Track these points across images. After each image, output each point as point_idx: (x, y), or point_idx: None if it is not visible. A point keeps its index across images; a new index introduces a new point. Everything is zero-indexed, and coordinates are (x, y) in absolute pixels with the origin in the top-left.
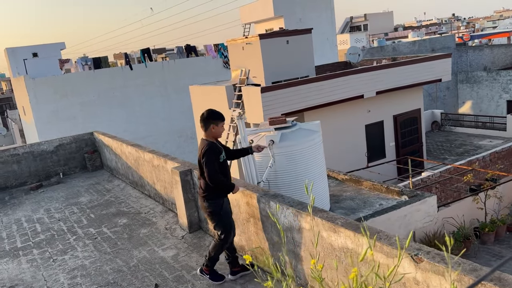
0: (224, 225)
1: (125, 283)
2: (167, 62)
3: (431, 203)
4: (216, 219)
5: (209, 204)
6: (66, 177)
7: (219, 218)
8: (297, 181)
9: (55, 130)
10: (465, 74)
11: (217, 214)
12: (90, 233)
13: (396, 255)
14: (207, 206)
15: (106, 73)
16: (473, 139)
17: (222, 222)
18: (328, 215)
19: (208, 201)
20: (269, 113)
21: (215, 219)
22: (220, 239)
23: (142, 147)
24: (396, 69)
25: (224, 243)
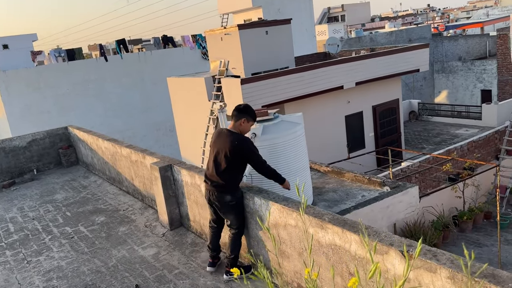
0: (243, 218)
1: (104, 284)
2: (143, 53)
3: (413, 194)
4: (237, 211)
5: (233, 196)
6: (40, 173)
7: (240, 210)
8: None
9: (28, 124)
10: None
11: (240, 206)
12: (66, 232)
13: (386, 252)
14: (230, 199)
15: (80, 65)
16: (450, 128)
17: (242, 214)
18: (315, 211)
19: (232, 193)
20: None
21: (236, 212)
22: (239, 231)
23: (119, 141)
24: (375, 59)
25: (241, 235)
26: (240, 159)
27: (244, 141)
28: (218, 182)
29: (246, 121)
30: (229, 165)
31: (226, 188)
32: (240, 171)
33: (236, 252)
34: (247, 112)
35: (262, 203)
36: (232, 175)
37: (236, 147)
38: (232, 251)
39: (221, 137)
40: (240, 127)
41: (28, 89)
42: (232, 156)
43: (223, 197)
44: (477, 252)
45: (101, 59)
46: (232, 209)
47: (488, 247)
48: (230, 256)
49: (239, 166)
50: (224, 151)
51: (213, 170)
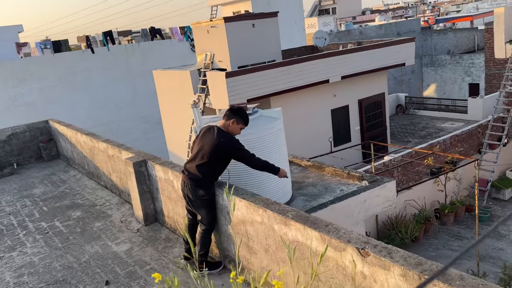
0: (214, 214)
1: (74, 280)
2: (131, 45)
3: (390, 188)
4: (210, 207)
5: (206, 191)
6: (21, 167)
7: (211, 207)
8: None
9: (13, 117)
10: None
11: (212, 202)
12: (42, 228)
13: (343, 249)
14: (204, 194)
15: (66, 57)
16: (436, 122)
17: (213, 210)
18: (280, 207)
19: (206, 189)
20: (235, 98)
21: (207, 207)
22: (209, 228)
23: (97, 136)
24: (361, 53)
25: (211, 231)
26: (223, 156)
27: (230, 139)
28: (194, 175)
29: (235, 123)
30: (210, 161)
31: (201, 182)
32: (220, 169)
33: (206, 249)
34: (239, 115)
35: (231, 199)
36: (210, 170)
37: (221, 144)
38: (202, 248)
39: (209, 132)
40: (229, 128)
41: (13, 81)
42: (215, 152)
43: (196, 190)
44: (457, 245)
45: (88, 51)
46: (204, 204)
47: (469, 240)
48: (199, 252)
49: (220, 164)
50: (209, 146)
51: (193, 162)
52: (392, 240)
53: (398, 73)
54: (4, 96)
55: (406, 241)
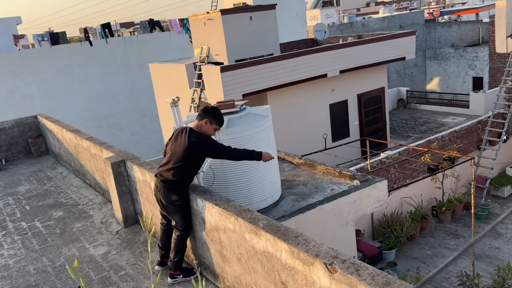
0: (189, 219)
1: (46, 286)
2: (129, 37)
3: (381, 188)
4: (184, 212)
5: (179, 196)
6: (9, 163)
7: (186, 212)
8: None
9: (11, 110)
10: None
11: (186, 207)
12: (21, 228)
13: (311, 263)
14: (177, 199)
15: (64, 49)
16: (437, 116)
17: (188, 216)
18: (252, 215)
19: (179, 193)
20: (230, 93)
21: (183, 212)
22: (183, 233)
23: (81, 133)
24: (360, 47)
25: (186, 237)
26: (197, 157)
27: (200, 137)
28: (167, 179)
29: (208, 123)
30: (183, 163)
31: (174, 186)
32: (192, 171)
33: (180, 255)
34: (212, 114)
35: (204, 205)
36: (183, 174)
37: (193, 144)
38: (176, 254)
39: (181, 134)
40: (202, 128)
41: (10, 74)
42: (188, 154)
43: (169, 195)
44: (454, 243)
45: (86, 43)
46: (177, 210)
47: (465, 238)
48: (173, 259)
49: (194, 166)
50: (181, 149)
51: (166, 166)
52: (387, 238)
53: (401, 66)
54: (2, 89)
55: (402, 239)
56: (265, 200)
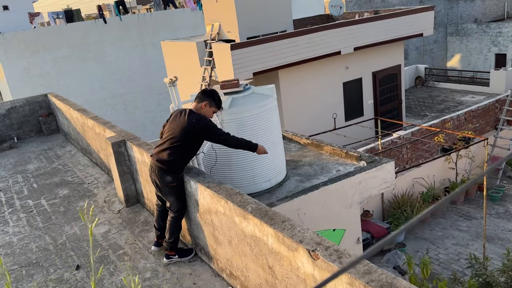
0: (183, 201)
1: (47, 263)
2: (143, 15)
3: (388, 169)
4: (178, 193)
5: (174, 178)
6: (21, 141)
7: (180, 193)
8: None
9: (28, 87)
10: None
11: (180, 189)
12: (27, 206)
13: (295, 249)
14: (171, 180)
15: (79, 27)
16: (456, 95)
17: (182, 197)
18: (242, 199)
19: (173, 175)
20: (240, 71)
21: (178, 194)
22: (178, 215)
23: (87, 112)
24: (375, 23)
25: (180, 218)
26: (195, 139)
27: (202, 119)
28: (163, 160)
29: (207, 105)
30: (181, 144)
31: (169, 167)
32: (190, 153)
33: (175, 236)
34: (212, 97)
35: (197, 187)
36: (179, 155)
37: (193, 126)
38: (171, 235)
39: (180, 115)
40: (201, 110)
41: (27, 52)
42: (187, 135)
43: (164, 176)
44: (465, 225)
45: (100, 21)
46: (172, 191)
47: (478, 220)
48: (169, 239)
49: (191, 147)
50: (180, 129)
51: (162, 146)
52: (397, 219)
53: (420, 43)
54: (19, 67)
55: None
56: (269, 180)
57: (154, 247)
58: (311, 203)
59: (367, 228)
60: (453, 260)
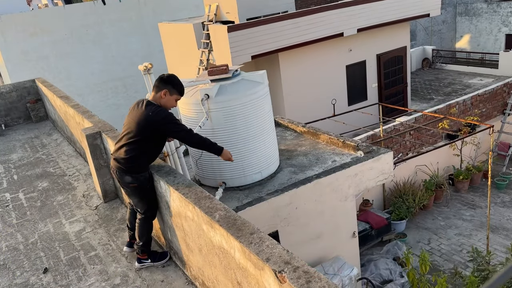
0: (152, 200)
1: (14, 265)
2: None
3: (386, 160)
4: (142, 194)
5: (134, 178)
6: (8, 129)
7: (146, 193)
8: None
9: (27, 71)
10: (464, 6)
11: (144, 189)
12: (4, 200)
13: (262, 268)
14: (131, 181)
15: (77, 8)
16: (463, 77)
17: (150, 196)
18: (211, 204)
19: (133, 175)
20: (238, 54)
21: (141, 195)
22: (146, 216)
23: (69, 99)
24: (379, 3)
25: (149, 220)
26: (154, 134)
27: (160, 112)
28: (120, 159)
29: (168, 94)
30: (137, 141)
31: (128, 167)
32: (151, 151)
33: (145, 239)
34: (171, 83)
35: (167, 188)
36: (138, 152)
37: (150, 119)
38: (141, 238)
39: (138, 107)
40: (161, 100)
41: (24, 35)
42: (143, 130)
43: (123, 177)
44: (469, 214)
45: (99, 2)
46: (133, 192)
47: (482, 209)
48: (138, 242)
49: (151, 143)
50: (136, 123)
51: (119, 143)
52: (398, 208)
53: (428, 23)
54: (17, 50)
55: (413, 209)
56: (260, 172)
57: (126, 248)
58: (304, 197)
59: (366, 218)
60: (455, 251)
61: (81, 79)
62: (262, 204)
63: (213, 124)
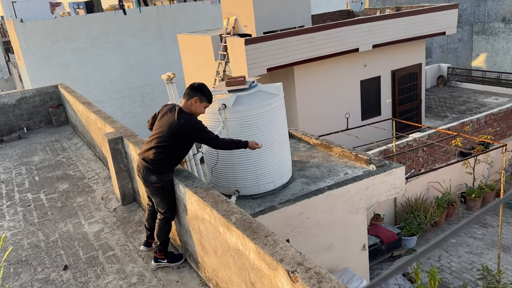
0: (173, 201)
1: (35, 262)
2: (162, 7)
3: (398, 175)
4: (164, 195)
5: (159, 178)
6: (30, 132)
7: (168, 194)
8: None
9: (47, 76)
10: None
11: (166, 190)
12: (26, 199)
13: (275, 268)
14: (156, 181)
15: (98, 17)
16: (479, 96)
17: (171, 197)
18: (228, 207)
19: (158, 175)
20: (254, 67)
21: (163, 195)
22: (166, 217)
23: (91, 105)
24: (395, 20)
25: (169, 220)
26: (184, 140)
27: (191, 120)
28: (148, 159)
29: (198, 101)
30: (167, 145)
31: (154, 167)
32: (178, 154)
33: (163, 238)
34: (201, 92)
35: (185, 192)
36: (167, 155)
37: (181, 127)
38: (159, 237)
39: (170, 113)
40: (192, 107)
41: (46, 41)
42: (175, 135)
43: (149, 176)
44: (481, 232)
45: (120, 12)
46: (157, 192)
47: (494, 228)
48: (156, 242)
49: (180, 148)
50: (168, 128)
51: (149, 144)
52: (409, 224)
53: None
54: (39, 56)
55: (424, 226)
56: (273, 182)
57: (143, 247)
58: (315, 207)
59: (376, 232)
60: (465, 269)
61: (99, 86)
62: (274, 213)
63: (229, 133)
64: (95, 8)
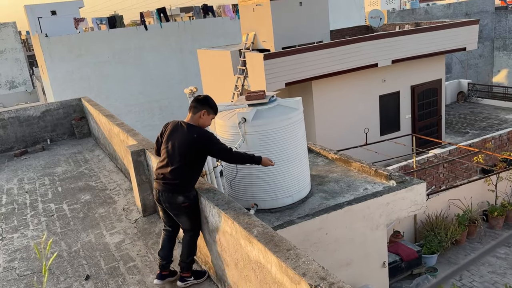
0: (198, 217)
1: (58, 271)
2: (183, 23)
3: (419, 191)
4: (190, 214)
5: (186, 197)
6: (53, 143)
7: (194, 213)
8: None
9: (70, 90)
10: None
11: (195, 207)
12: (49, 209)
13: (298, 282)
14: (183, 200)
15: (121, 33)
16: (500, 112)
17: (197, 216)
18: (249, 220)
19: (185, 194)
20: (273, 81)
21: (189, 214)
22: (192, 233)
23: (114, 118)
24: (415, 36)
25: (197, 236)
26: (199, 154)
27: (205, 133)
28: (171, 181)
29: (206, 114)
30: (185, 163)
31: (179, 188)
32: (197, 169)
33: (192, 256)
34: (208, 104)
35: (206, 204)
36: (188, 173)
37: (196, 141)
38: (188, 255)
39: (178, 130)
40: (200, 120)
41: (70, 55)
42: (191, 151)
43: (175, 198)
44: (504, 252)
45: (141, 27)
46: (185, 212)
47: None
48: (186, 260)
49: (197, 163)
50: (183, 146)
51: (167, 167)
52: (430, 241)
53: (465, 56)
54: (62, 70)
55: (445, 244)
56: (292, 196)
57: (157, 281)
58: (334, 222)
59: (396, 250)
60: None
61: (120, 100)
62: (292, 228)
63: (248, 146)
64: (117, 23)
